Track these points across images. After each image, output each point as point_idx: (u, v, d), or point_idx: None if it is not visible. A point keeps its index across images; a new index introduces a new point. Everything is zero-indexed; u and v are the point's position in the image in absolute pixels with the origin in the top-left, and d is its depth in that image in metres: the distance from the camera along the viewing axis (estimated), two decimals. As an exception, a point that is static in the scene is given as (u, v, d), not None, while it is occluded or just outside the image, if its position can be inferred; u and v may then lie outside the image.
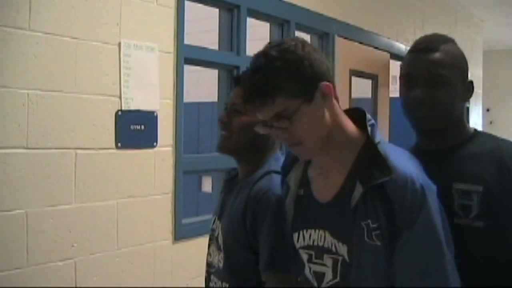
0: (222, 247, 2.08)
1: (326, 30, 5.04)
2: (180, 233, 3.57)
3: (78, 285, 2.97)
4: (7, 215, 2.68)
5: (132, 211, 3.27)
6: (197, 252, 3.61)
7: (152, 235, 3.41)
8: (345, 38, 5.28)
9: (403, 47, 6.28)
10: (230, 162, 3.97)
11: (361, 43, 5.61)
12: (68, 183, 2.94)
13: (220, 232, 2.12)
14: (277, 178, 1.99)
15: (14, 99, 2.70)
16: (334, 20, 5.08)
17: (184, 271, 3.57)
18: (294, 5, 4.55)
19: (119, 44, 3.17)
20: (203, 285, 2.26)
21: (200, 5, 3.91)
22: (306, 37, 5.07)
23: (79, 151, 2.99)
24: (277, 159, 2.09)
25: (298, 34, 4.69)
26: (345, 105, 5.61)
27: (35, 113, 2.78)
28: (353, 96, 5.59)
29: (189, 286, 3.59)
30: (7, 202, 2.69)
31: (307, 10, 4.72)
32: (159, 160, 3.45)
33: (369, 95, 6.10)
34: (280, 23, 4.58)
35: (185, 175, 3.69)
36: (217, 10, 4.13)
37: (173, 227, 3.54)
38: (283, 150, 2.26)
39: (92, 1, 3.03)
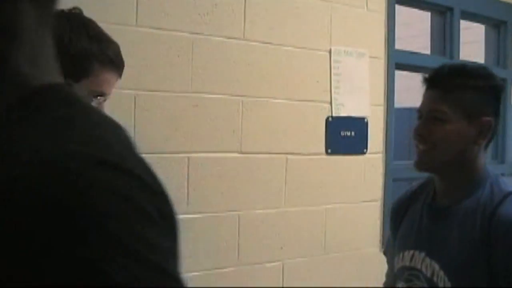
0: (444, 282, 1.72)
1: (503, 18, 4.48)
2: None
3: (284, 286, 3.05)
4: (221, 216, 2.82)
5: (340, 217, 3.28)
6: (405, 261, 3.53)
7: (359, 242, 3.39)
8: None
9: None
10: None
11: None
12: (278, 188, 3.02)
13: (436, 270, 1.74)
14: None
15: (230, 106, 2.84)
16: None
17: (392, 280, 3.50)
18: (511, 4, 4.27)
19: (330, 51, 3.20)
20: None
21: (410, 9, 3.82)
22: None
23: (289, 156, 3.06)
24: (497, 177, 1.79)
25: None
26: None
27: (248, 119, 2.89)
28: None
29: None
30: (221, 204, 2.83)
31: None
32: (368, 167, 3.42)
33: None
34: (496, 24, 4.33)
35: (395, 182, 3.62)
36: (428, 13, 4.01)
37: (381, 235, 3.49)
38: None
39: (303, 9, 3.09)
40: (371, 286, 3.35)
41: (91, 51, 1.55)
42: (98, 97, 1.59)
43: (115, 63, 1.62)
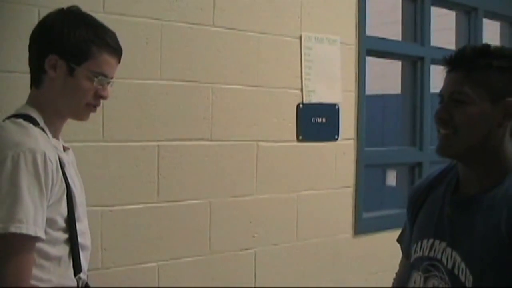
0: (465, 276, 1.62)
1: None
2: (361, 228, 3.53)
3: (257, 274, 3.04)
4: (192, 204, 2.81)
5: (312, 204, 3.28)
6: (378, 247, 3.56)
7: (332, 228, 3.39)
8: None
9: None
10: (416, 155, 3.91)
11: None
12: (250, 175, 3.01)
13: (458, 261, 1.64)
14: None
15: (200, 93, 2.81)
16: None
17: (363, 266, 3.52)
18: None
19: (301, 37, 3.19)
20: (384, 281, 2.19)
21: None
22: (495, 24, 4.77)
23: (261, 143, 3.05)
24: None
25: (487, 21, 4.43)
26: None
27: (218, 106, 2.87)
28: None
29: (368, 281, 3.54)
30: (193, 192, 2.81)
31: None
32: (340, 153, 3.42)
33: None
34: (467, 11, 4.35)
35: (368, 168, 3.63)
36: (399, 0, 4.01)
37: (354, 221, 3.50)
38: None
39: (274, -5, 3.07)
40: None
41: (88, 37, 1.76)
42: (100, 77, 1.78)
43: (112, 46, 1.81)
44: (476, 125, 1.63)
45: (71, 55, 1.74)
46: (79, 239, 1.76)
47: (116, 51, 1.83)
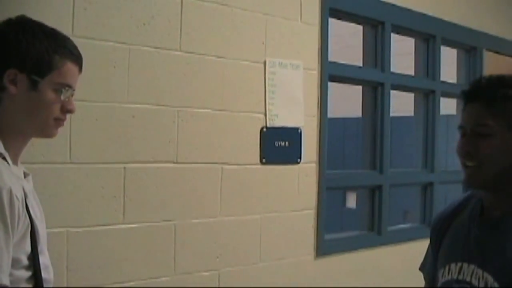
0: None
1: (474, 44, 4.87)
2: (323, 249, 3.59)
3: (221, 296, 3.08)
4: (157, 226, 2.83)
5: (275, 226, 3.34)
6: (339, 268, 3.63)
7: (294, 250, 3.45)
8: (495, 52, 5.06)
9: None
10: (376, 178, 4.00)
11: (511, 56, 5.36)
12: (214, 197, 3.05)
13: (490, 281, 1.68)
14: None
15: (166, 116, 2.86)
16: (481, 33, 4.89)
17: (325, 287, 3.57)
18: (439, 19, 4.44)
19: (265, 62, 3.26)
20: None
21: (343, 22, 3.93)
22: (453, 51, 4.93)
23: (225, 166, 3.10)
24: None
25: (444, 48, 4.58)
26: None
27: (184, 129, 2.92)
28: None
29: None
30: (157, 214, 2.84)
31: (454, 24, 4.58)
32: (303, 176, 3.49)
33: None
34: (425, 38, 4.50)
35: (329, 190, 3.70)
36: (360, 26, 4.13)
37: (316, 243, 3.56)
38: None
39: (239, 21, 3.14)
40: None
41: (49, 46, 1.64)
42: (66, 88, 1.67)
43: (75, 55, 1.70)
44: (500, 156, 1.67)
45: (32, 67, 1.61)
46: (43, 274, 1.66)
47: (79, 58, 1.72)
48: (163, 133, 2.85)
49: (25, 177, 1.73)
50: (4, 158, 1.60)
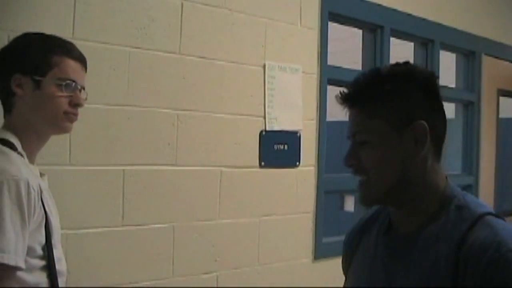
0: None
1: (472, 49, 4.90)
2: (320, 252, 3.60)
3: (219, 299, 3.09)
4: (155, 228, 2.84)
5: (273, 229, 3.34)
6: (337, 271, 3.61)
7: (292, 253, 3.46)
8: (493, 56, 5.10)
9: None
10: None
11: (510, 61, 5.39)
12: (213, 200, 3.06)
13: None
14: (501, 223, 1.39)
15: (165, 119, 2.86)
16: (480, 38, 4.92)
17: (323, 290, 3.58)
18: (438, 24, 4.47)
19: (264, 66, 3.27)
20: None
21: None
22: (451, 56, 4.95)
23: (224, 169, 3.10)
24: (464, 195, 1.47)
25: (443, 53, 4.60)
26: (492, 126, 5.41)
27: (183, 132, 2.93)
28: (501, 115, 5.39)
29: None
30: (156, 216, 2.84)
31: (452, 28, 4.61)
32: (301, 180, 3.50)
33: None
34: (424, 43, 4.51)
35: (327, 194, 3.71)
36: (360, 30, 4.14)
37: (314, 246, 3.57)
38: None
39: (239, 24, 3.15)
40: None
41: (47, 47, 1.77)
42: (68, 82, 1.77)
43: (73, 52, 1.81)
44: (387, 164, 1.43)
45: (33, 69, 1.74)
46: (56, 266, 1.76)
47: (79, 57, 1.82)
48: (162, 136, 2.86)
49: (40, 176, 1.84)
50: (22, 156, 1.73)
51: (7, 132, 1.75)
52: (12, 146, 1.72)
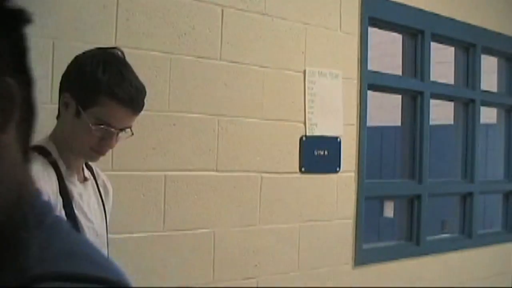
0: None
1: None
2: (361, 258, 3.58)
3: (260, 304, 3.09)
4: (197, 233, 2.86)
5: (313, 235, 3.34)
6: (378, 277, 3.60)
7: (332, 259, 3.44)
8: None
9: None
10: (415, 188, 3.98)
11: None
12: (253, 206, 3.07)
13: None
14: None
15: (206, 125, 2.88)
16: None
17: (363, 297, 3.56)
18: (480, 28, 4.41)
19: (304, 72, 3.27)
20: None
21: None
22: (493, 60, 4.88)
23: (264, 175, 3.11)
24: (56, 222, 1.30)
25: (484, 57, 4.53)
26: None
27: (224, 138, 2.94)
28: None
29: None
30: (197, 221, 2.86)
31: (494, 32, 4.54)
32: (341, 185, 3.49)
33: None
34: (465, 47, 4.46)
35: (367, 200, 3.69)
36: (400, 35, 4.12)
37: (354, 252, 3.55)
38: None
39: (279, 30, 3.16)
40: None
41: (99, 83, 1.72)
42: (101, 126, 1.74)
43: (122, 97, 1.74)
44: None
45: (81, 97, 1.74)
46: None
47: (128, 102, 1.76)
48: (203, 142, 2.88)
49: (85, 180, 1.89)
50: (55, 163, 1.74)
51: (47, 139, 1.79)
52: (45, 153, 1.74)
